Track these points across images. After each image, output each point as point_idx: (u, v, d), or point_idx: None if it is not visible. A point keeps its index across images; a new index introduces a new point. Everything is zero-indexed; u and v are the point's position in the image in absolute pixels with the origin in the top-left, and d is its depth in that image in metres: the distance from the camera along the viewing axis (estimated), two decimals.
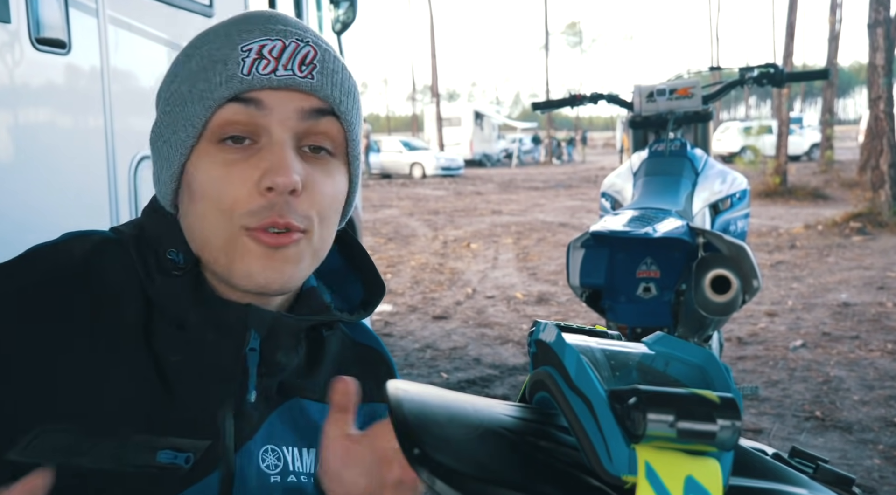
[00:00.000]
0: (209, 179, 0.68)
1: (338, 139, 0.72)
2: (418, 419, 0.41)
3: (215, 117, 0.67)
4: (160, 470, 0.67)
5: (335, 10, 3.88)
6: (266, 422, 0.74)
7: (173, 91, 0.71)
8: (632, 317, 1.99)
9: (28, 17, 1.61)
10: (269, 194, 0.66)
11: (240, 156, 0.67)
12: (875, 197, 9.03)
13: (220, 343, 0.70)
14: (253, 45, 0.67)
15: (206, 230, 0.69)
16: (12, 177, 1.64)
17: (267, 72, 0.67)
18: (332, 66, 0.70)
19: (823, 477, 0.48)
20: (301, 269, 0.71)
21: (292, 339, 0.74)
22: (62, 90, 1.79)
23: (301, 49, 0.68)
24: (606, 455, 0.39)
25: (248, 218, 0.67)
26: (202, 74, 0.68)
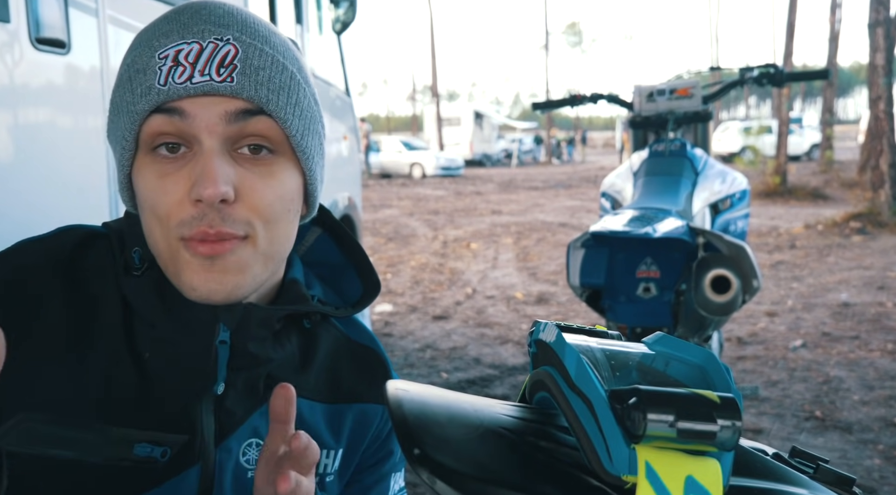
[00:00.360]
0: (146, 190, 0.67)
1: (276, 137, 0.68)
2: (418, 419, 0.41)
3: (143, 129, 0.66)
4: (137, 464, 0.67)
5: (335, 10, 3.88)
6: (252, 417, 0.74)
7: (112, 99, 0.70)
8: (632, 317, 1.99)
9: (28, 16, 1.61)
10: (200, 205, 0.65)
11: (174, 166, 0.66)
12: (875, 197, 9.04)
13: (189, 338, 0.70)
14: (169, 51, 0.65)
15: (151, 239, 0.69)
16: (12, 176, 1.64)
17: (182, 80, 0.64)
18: (256, 64, 0.66)
19: (823, 477, 0.48)
20: (249, 276, 0.69)
21: (265, 330, 0.72)
22: (62, 90, 1.79)
23: (220, 50, 0.65)
24: (606, 455, 0.39)
25: (181, 228, 0.66)
26: (127, 85, 0.67)
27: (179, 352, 0.71)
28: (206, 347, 0.70)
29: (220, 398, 0.71)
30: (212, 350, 0.70)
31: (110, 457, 0.66)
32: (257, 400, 0.74)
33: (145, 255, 0.71)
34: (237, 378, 0.72)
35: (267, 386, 0.75)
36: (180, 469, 0.69)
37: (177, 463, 0.68)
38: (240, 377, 0.72)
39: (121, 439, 0.67)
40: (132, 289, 0.71)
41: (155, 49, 0.66)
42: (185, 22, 0.67)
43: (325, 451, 0.79)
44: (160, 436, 0.68)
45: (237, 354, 0.71)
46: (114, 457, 0.66)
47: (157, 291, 0.70)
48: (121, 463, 0.67)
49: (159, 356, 0.70)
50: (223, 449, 0.71)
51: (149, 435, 0.68)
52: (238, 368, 0.72)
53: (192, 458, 0.69)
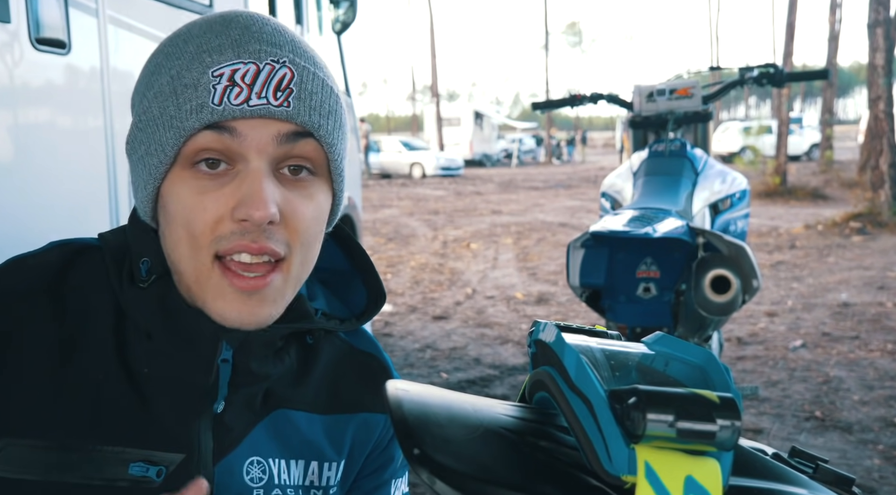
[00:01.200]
0: (182, 207, 0.65)
1: (318, 159, 0.68)
2: (418, 419, 0.41)
3: (188, 144, 0.65)
4: (131, 484, 0.66)
5: (335, 10, 3.88)
6: (251, 434, 0.73)
7: (145, 108, 0.67)
8: (632, 317, 1.99)
9: (28, 17, 1.61)
10: (244, 224, 0.64)
11: (215, 183, 0.65)
12: (875, 197, 9.04)
13: (190, 354, 0.69)
14: (224, 70, 0.64)
15: (180, 257, 0.67)
16: (12, 177, 1.64)
17: (239, 102, 0.63)
18: (310, 88, 0.66)
19: (823, 477, 0.48)
20: (282, 304, 0.69)
21: (267, 348, 0.72)
22: (62, 90, 1.79)
23: (276, 72, 0.64)
24: (606, 455, 0.39)
25: (219, 243, 0.65)
26: (172, 98, 0.65)
27: (178, 369, 0.69)
28: (207, 365, 0.68)
29: (220, 415, 0.70)
30: (213, 368, 0.68)
31: (105, 479, 0.65)
32: (255, 416, 0.73)
33: (154, 268, 0.70)
34: (235, 394, 0.71)
35: (264, 400, 0.74)
36: (176, 488, 0.66)
37: (173, 482, 0.67)
38: (238, 393, 0.71)
39: (114, 459, 0.66)
40: (134, 301, 0.69)
41: (207, 65, 0.64)
42: (236, 38, 0.65)
43: (327, 464, 0.78)
44: (155, 455, 0.67)
45: (238, 372, 0.70)
46: (108, 478, 0.65)
47: (160, 305, 0.69)
48: (115, 483, 0.65)
49: (156, 370, 0.69)
50: (223, 468, 0.70)
51: (143, 454, 0.66)
52: (237, 385, 0.71)
53: (189, 477, 0.67)
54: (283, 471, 0.74)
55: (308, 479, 0.76)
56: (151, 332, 0.69)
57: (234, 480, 0.71)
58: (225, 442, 0.71)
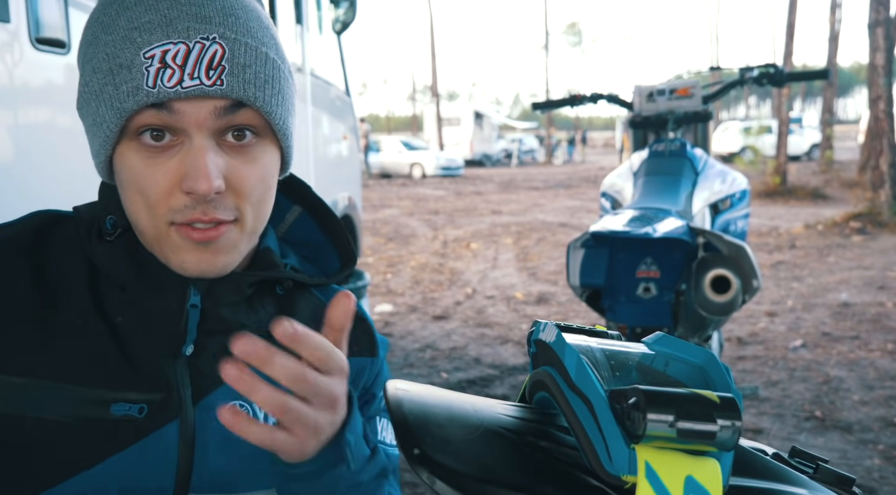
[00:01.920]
0: (133, 174, 0.68)
1: (260, 123, 0.70)
2: (418, 419, 0.41)
3: (130, 122, 0.67)
4: (114, 423, 0.69)
5: (335, 10, 3.88)
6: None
7: (86, 80, 0.69)
8: (632, 317, 1.99)
9: (28, 16, 1.61)
10: (191, 196, 0.67)
11: (163, 155, 0.67)
12: (875, 197, 9.04)
13: (160, 301, 0.72)
14: (156, 51, 0.64)
15: (137, 219, 0.70)
16: (12, 177, 1.64)
17: (172, 84, 0.64)
18: (242, 62, 0.67)
19: (823, 477, 0.48)
20: (237, 253, 0.72)
21: (236, 295, 0.75)
22: (62, 90, 1.79)
23: (206, 51, 0.65)
24: (606, 455, 0.39)
25: (173, 214, 0.68)
26: (109, 77, 0.66)
27: (151, 315, 0.73)
28: (176, 311, 0.72)
29: (192, 359, 0.73)
30: (183, 313, 0.72)
31: (88, 418, 0.68)
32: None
33: (118, 222, 0.74)
34: (211, 341, 0.74)
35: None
36: (158, 424, 0.70)
37: (154, 419, 0.70)
38: (213, 340, 0.74)
39: (96, 400, 0.69)
40: (103, 255, 0.73)
41: (139, 46, 0.65)
42: (165, 14, 0.66)
43: None
44: (134, 396, 0.70)
45: (209, 318, 0.74)
46: (89, 417, 0.68)
47: (128, 256, 0.73)
48: (97, 423, 0.69)
49: (131, 319, 0.72)
50: (203, 407, 0.72)
51: (124, 395, 0.70)
52: (211, 332, 0.74)
53: (169, 415, 0.71)
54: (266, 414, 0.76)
55: None
56: (123, 283, 0.73)
57: (214, 420, 0.71)
58: (203, 386, 0.73)
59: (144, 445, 0.69)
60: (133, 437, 0.69)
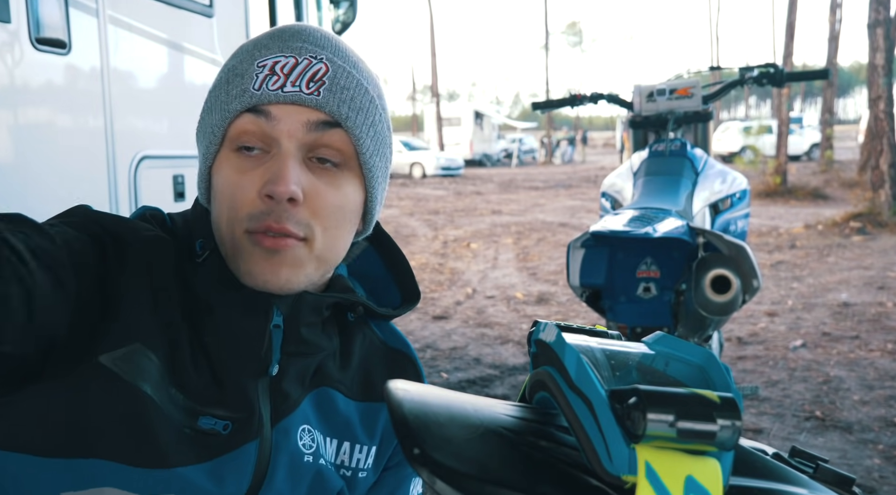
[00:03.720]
0: (224, 184, 0.74)
1: (347, 151, 0.75)
2: (418, 419, 0.41)
3: (232, 127, 0.73)
4: (200, 434, 0.72)
5: (335, 10, 3.88)
6: (303, 403, 0.79)
7: (207, 99, 0.78)
8: (632, 317, 1.99)
9: (28, 17, 1.61)
10: (270, 201, 0.71)
11: (251, 165, 0.73)
12: (875, 197, 9.04)
13: (245, 322, 0.75)
14: (267, 62, 0.73)
15: (220, 230, 0.75)
16: (12, 176, 1.64)
17: (275, 88, 0.71)
18: (342, 83, 0.73)
19: (823, 477, 0.48)
20: (302, 274, 0.74)
21: (315, 316, 0.78)
22: (62, 90, 1.79)
23: (312, 66, 0.73)
24: (606, 455, 0.39)
25: (248, 221, 0.72)
26: (223, 87, 0.74)
27: (236, 335, 0.75)
28: (260, 331, 0.74)
29: (276, 380, 0.76)
30: (266, 333, 0.74)
31: (181, 421, 0.71)
32: (305, 388, 0.79)
33: (206, 245, 0.77)
34: (290, 364, 0.77)
35: (313, 375, 0.80)
36: (239, 443, 0.73)
37: (236, 437, 0.73)
38: (292, 363, 0.77)
39: (189, 408, 0.72)
40: (193, 275, 0.76)
41: (255, 58, 0.74)
42: (285, 38, 0.75)
43: (359, 446, 0.84)
44: (222, 412, 0.73)
45: (290, 339, 0.76)
46: (182, 423, 0.71)
47: (217, 278, 0.76)
48: (186, 430, 0.71)
49: (218, 340, 0.75)
50: (280, 430, 0.76)
51: (211, 410, 0.73)
52: (291, 354, 0.77)
53: (250, 435, 0.74)
54: (324, 446, 0.80)
55: (339, 458, 0.82)
56: (211, 303, 0.75)
57: (289, 443, 0.76)
58: (281, 408, 0.76)
59: (224, 460, 0.72)
60: (216, 451, 0.72)
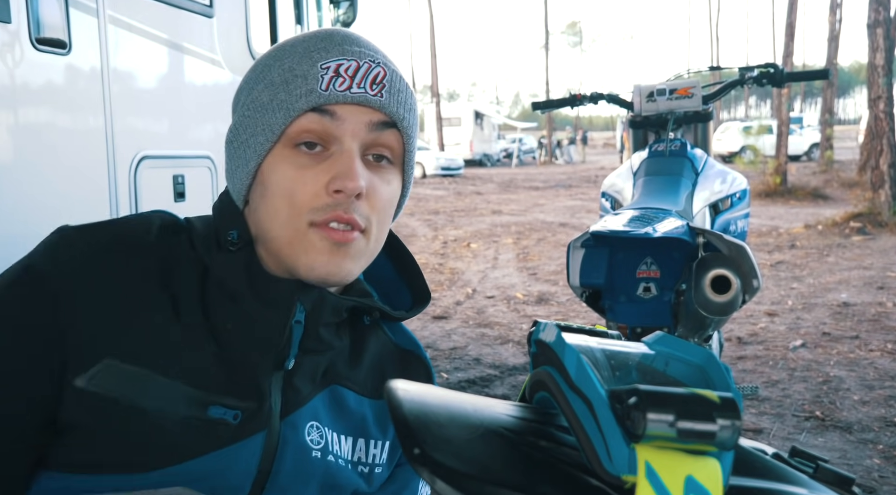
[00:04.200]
0: (284, 179, 0.75)
1: (397, 150, 0.80)
2: (418, 419, 0.41)
3: (294, 125, 0.76)
4: (210, 423, 0.72)
5: (335, 10, 3.88)
6: (313, 400, 0.80)
7: (254, 98, 0.78)
8: (632, 317, 1.99)
9: (28, 17, 1.61)
10: (337, 195, 0.74)
11: (311, 161, 0.76)
12: (875, 197, 9.03)
13: (268, 314, 0.76)
14: (331, 64, 0.76)
15: (276, 224, 0.76)
16: (13, 176, 1.64)
17: (343, 89, 0.75)
18: (398, 86, 0.78)
19: (823, 476, 0.48)
20: (358, 266, 0.78)
21: (334, 317, 0.80)
22: (62, 90, 1.79)
23: (373, 69, 0.77)
24: (606, 455, 0.39)
25: (315, 213, 0.75)
26: (283, 86, 0.76)
27: (256, 327, 0.76)
28: (282, 324, 0.76)
29: (289, 375, 0.77)
30: (288, 327, 0.76)
31: (186, 415, 0.71)
32: (316, 386, 0.81)
33: (243, 236, 0.79)
34: (303, 360, 0.79)
35: (325, 373, 0.82)
36: (248, 433, 0.74)
37: (245, 428, 0.74)
38: (306, 360, 0.79)
39: (197, 399, 0.72)
40: (222, 263, 0.77)
41: (316, 60, 0.76)
42: (340, 42, 0.78)
43: (373, 442, 0.85)
44: (233, 401, 0.74)
45: (308, 336, 0.78)
46: (189, 415, 0.72)
47: (245, 268, 0.77)
48: (194, 421, 0.72)
49: (237, 328, 0.76)
50: (288, 424, 0.77)
51: (221, 399, 0.73)
52: (306, 350, 0.78)
53: (258, 425, 0.74)
54: (335, 442, 0.81)
55: (356, 455, 0.84)
56: (236, 292, 0.77)
57: (297, 437, 0.77)
58: (291, 402, 0.78)
59: (232, 450, 0.73)
60: (226, 440, 0.73)
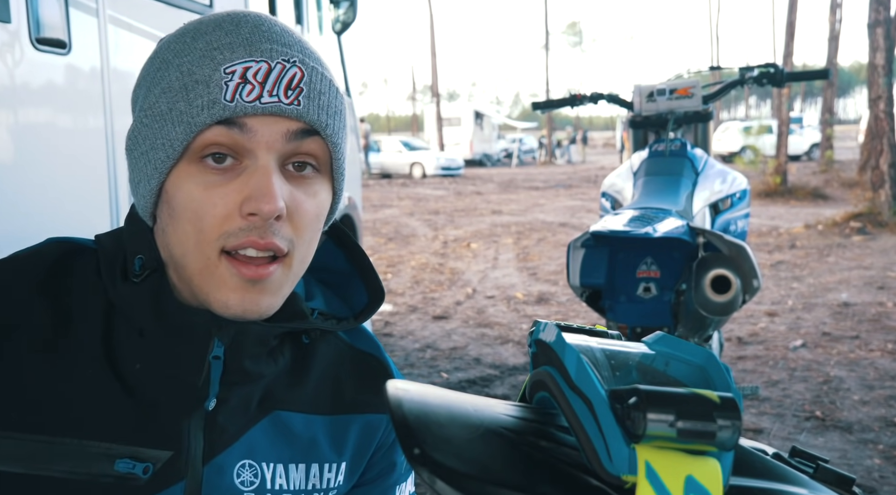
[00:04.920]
0: (189, 200, 0.65)
1: (323, 157, 0.70)
2: (418, 419, 0.41)
3: (197, 139, 0.65)
4: (117, 480, 0.66)
5: (335, 10, 3.88)
6: (245, 436, 0.73)
7: (151, 103, 0.67)
8: (632, 317, 1.99)
9: (28, 17, 1.61)
10: (252, 218, 0.65)
11: (222, 178, 0.65)
12: (875, 197, 9.03)
13: (181, 350, 0.69)
14: (236, 68, 0.64)
15: (184, 250, 0.67)
16: (12, 177, 1.64)
17: (251, 98, 0.64)
18: (318, 88, 0.67)
19: (823, 477, 0.48)
20: (278, 298, 0.70)
21: (260, 347, 0.71)
22: (62, 90, 1.79)
23: (287, 71, 0.65)
24: (606, 455, 0.39)
25: (226, 239, 0.65)
26: (182, 93, 0.65)
27: (169, 365, 0.69)
28: (198, 361, 0.68)
29: (212, 414, 0.70)
30: (204, 364, 0.68)
31: (90, 474, 0.65)
32: (250, 418, 0.73)
33: (147, 263, 0.70)
34: (230, 393, 0.71)
35: (260, 402, 0.74)
36: (162, 487, 0.67)
37: (160, 479, 0.67)
38: (233, 393, 0.71)
39: (101, 454, 0.66)
40: (126, 296, 0.69)
41: (219, 62, 0.65)
42: (247, 37, 0.66)
43: (328, 466, 0.78)
44: (142, 452, 0.67)
45: (231, 370, 0.70)
46: (94, 474, 0.65)
47: (153, 300, 0.69)
48: (101, 479, 0.65)
49: (147, 368, 0.69)
50: (212, 467, 0.70)
51: (131, 451, 0.67)
52: (232, 384, 0.70)
53: (175, 476, 0.68)
54: (278, 476, 0.74)
55: (310, 482, 0.76)
56: (144, 328, 0.69)
57: (223, 481, 0.70)
58: (217, 443, 0.70)
59: None
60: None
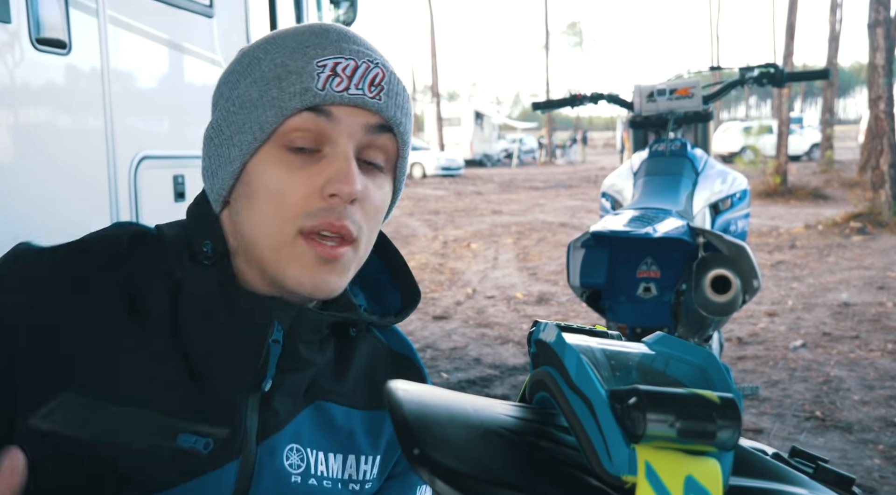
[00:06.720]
0: (272, 181, 0.71)
1: (391, 154, 0.76)
2: (418, 419, 0.41)
3: (285, 124, 0.71)
4: (179, 453, 0.68)
5: (335, 10, 3.88)
6: (293, 421, 0.76)
7: (240, 94, 0.73)
8: (632, 317, 1.99)
9: (28, 17, 1.61)
10: (331, 200, 0.70)
11: (303, 163, 0.71)
12: (875, 197, 9.04)
13: (244, 332, 0.72)
14: (328, 62, 0.71)
15: (261, 229, 0.71)
16: (13, 176, 1.64)
17: (340, 89, 0.70)
18: (396, 89, 0.74)
19: (823, 477, 0.48)
20: (344, 280, 0.74)
21: (315, 334, 0.75)
22: (62, 90, 1.79)
23: (371, 70, 0.73)
24: (606, 455, 0.39)
25: (306, 219, 0.70)
26: (275, 82, 0.71)
27: (231, 346, 0.72)
28: (259, 344, 0.72)
29: (267, 396, 0.73)
30: (265, 346, 0.72)
31: (153, 445, 0.68)
32: (298, 405, 0.77)
33: (217, 248, 0.74)
34: (283, 379, 0.74)
35: (307, 390, 0.78)
36: (221, 462, 0.70)
37: (218, 456, 0.70)
38: (286, 379, 0.75)
39: (165, 427, 0.69)
40: (196, 278, 0.73)
41: (311, 57, 0.71)
42: (335, 40, 0.73)
43: (364, 458, 0.81)
44: (203, 428, 0.70)
45: (287, 355, 0.73)
46: (157, 446, 0.68)
47: (220, 283, 0.73)
48: (162, 451, 0.68)
49: (210, 348, 0.72)
50: (265, 449, 0.73)
51: (193, 426, 0.69)
52: (285, 370, 0.74)
53: (232, 453, 0.70)
54: (319, 463, 0.77)
55: (347, 473, 0.80)
56: (209, 309, 0.72)
57: (274, 462, 0.73)
58: (270, 425, 0.74)
59: (203, 481, 0.69)
60: (196, 471, 0.69)
